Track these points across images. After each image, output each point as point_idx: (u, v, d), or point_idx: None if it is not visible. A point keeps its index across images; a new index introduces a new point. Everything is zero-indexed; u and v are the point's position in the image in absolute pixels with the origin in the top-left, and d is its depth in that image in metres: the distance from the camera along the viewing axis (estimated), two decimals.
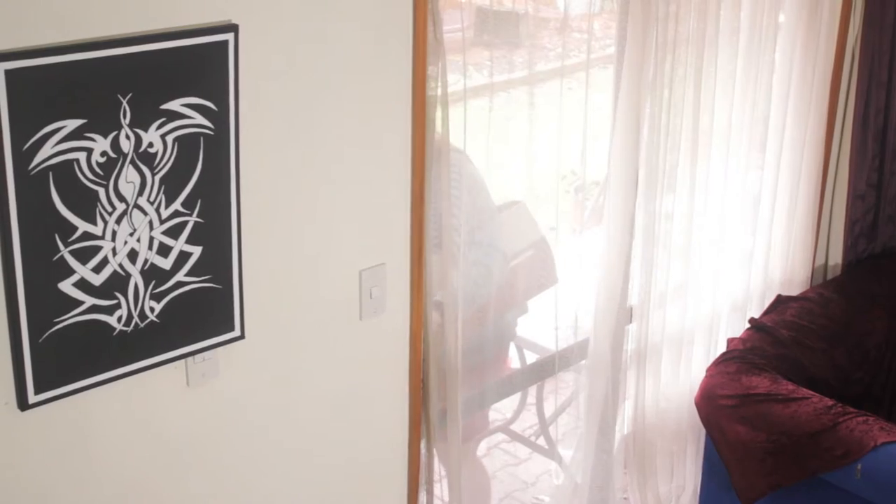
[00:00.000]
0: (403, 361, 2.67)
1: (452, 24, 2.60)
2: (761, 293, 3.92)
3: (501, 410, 4.63)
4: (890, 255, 4.12)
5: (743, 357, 3.53)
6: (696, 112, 3.35)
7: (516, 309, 3.33)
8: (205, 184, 2.11)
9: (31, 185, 1.88)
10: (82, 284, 2.00)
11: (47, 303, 1.96)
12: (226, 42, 2.07)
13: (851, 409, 3.36)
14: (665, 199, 3.43)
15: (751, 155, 3.66)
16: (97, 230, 1.98)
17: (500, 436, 4.48)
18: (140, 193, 2.02)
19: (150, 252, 2.07)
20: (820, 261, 4.10)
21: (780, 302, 3.83)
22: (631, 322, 3.51)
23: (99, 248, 2.00)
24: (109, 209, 1.99)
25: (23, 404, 1.98)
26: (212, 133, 2.10)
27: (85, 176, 1.94)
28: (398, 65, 2.43)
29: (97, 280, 2.01)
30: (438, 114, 2.58)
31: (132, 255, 2.05)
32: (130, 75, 1.94)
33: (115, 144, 1.96)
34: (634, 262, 3.39)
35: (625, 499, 4.15)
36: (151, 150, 2.01)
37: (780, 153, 3.80)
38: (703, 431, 3.53)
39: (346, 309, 2.50)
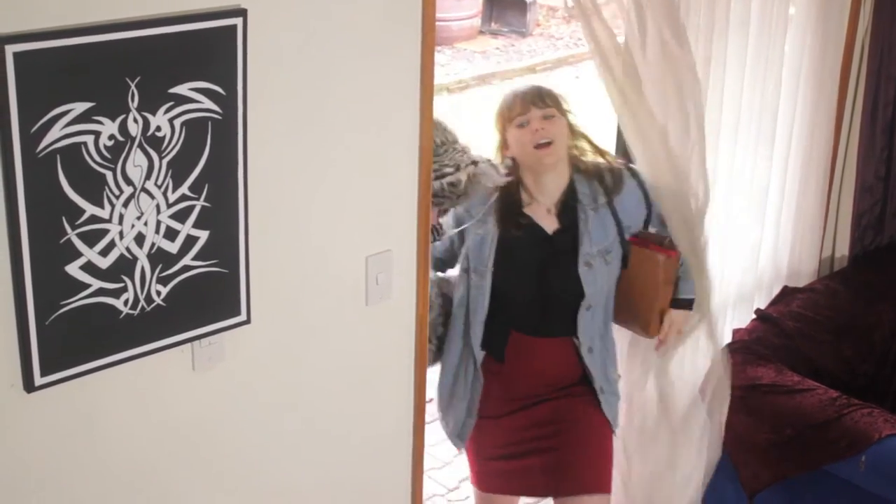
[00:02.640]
0: (409, 347, 2.67)
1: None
2: (768, 284, 3.92)
3: None
4: None
5: (748, 348, 3.53)
6: (704, 103, 3.34)
7: None
8: (212, 168, 2.11)
9: (39, 168, 1.88)
10: (89, 267, 2.00)
11: (54, 285, 1.96)
12: (234, 26, 2.06)
13: (856, 401, 3.36)
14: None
15: (759, 146, 3.65)
16: (104, 213, 1.99)
17: None
18: (147, 177, 2.02)
19: (157, 236, 2.07)
20: (827, 252, 4.10)
21: (787, 293, 3.83)
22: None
23: (106, 232, 2.00)
24: (117, 192, 1.99)
25: (29, 386, 1.98)
26: (220, 117, 2.09)
27: (93, 159, 1.94)
28: (407, 50, 2.43)
29: (104, 263, 2.02)
30: None
31: (139, 239, 2.05)
32: (139, 59, 1.94)
33: (123, 128, 1.96)
34: None
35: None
36: (159, 134, 2.01)
37: (789, 145, 3.79)
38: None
39: (352, 295, 2.50)
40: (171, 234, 2.09)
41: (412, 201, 2.56)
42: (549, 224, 3.03)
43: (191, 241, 2.13)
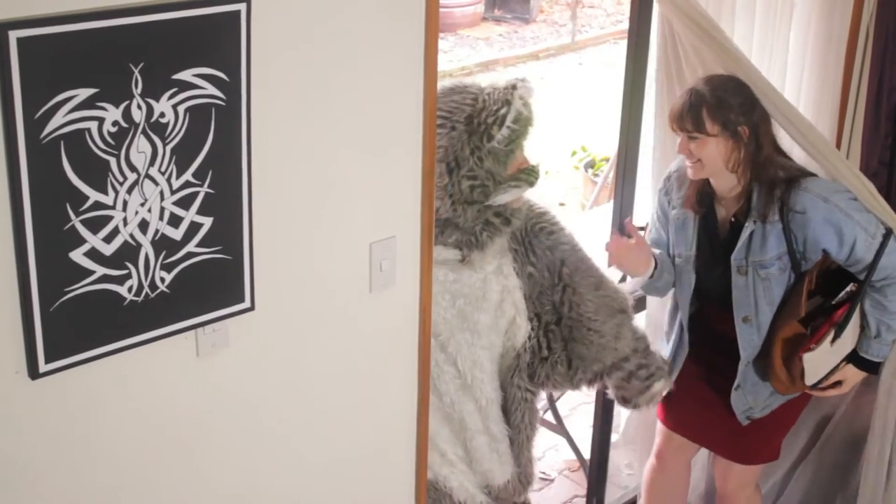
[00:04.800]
0: (413, 334, 2.67)
1: None
2: None
3: None
4: None
5: None
6: None
7: None
8: (216, 155, 2.11)
9: (43, 154, 1.87)
10: (93, 254, 2.00)
11: (58, 272, 1.96)
12: (238, 12, 2.06)
13: None
14: None
15: None
16: (108, 200, 1.98)
17: None
18: (151, 164, 2.02)
19: (160, 222, 2.07)
20: None
21: None
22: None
23: (110, 218, 2.00)
24: (121, 179, 1.99)
25: (34, 373, 1.98)
26: (223, 104, 2.09)
27: (96, 145, 1.93)
28: (410, 37, 2.42)
29: (108, 250, 2.01)
30: None
31: (143, 226, 2.05)
32: (143, 45, 1.94)
33: (127, 114, 1.96)
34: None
35: (630, 475, 4.17)
36: (163, 121, 2.01)
37: None
38: None
39: (356, 282, 2.50)
40: (174, 221, 2.09)
41: (416, 187, 2.55)
42: (724, 224, 3.11)
43: (195, 227, 2.13)
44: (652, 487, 3.54)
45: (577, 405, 4.71)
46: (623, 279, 3.53)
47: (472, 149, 2.71)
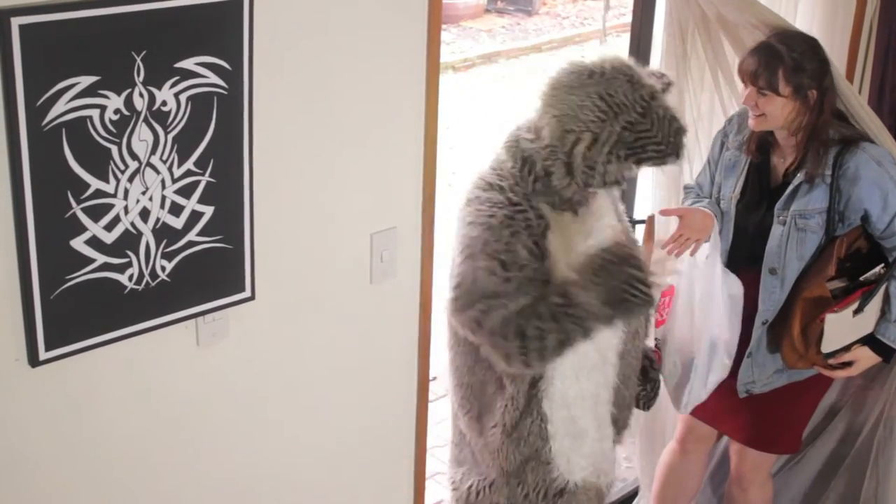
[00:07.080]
0: (413, 325, 2.67)
1: None
2: None
3: None
4: None
5: None
6: (713, 85, 3.34)
7: None
8: (218, 143, 2.11)
9: (44, 142, 1.87)
10: (94, 242, 2.00)
11: (59, 260, 1.96)
12: (241, 1, 2.05)
13: None
14: (684, 170, 3.44)
15: None
16: (109, 188, 1.98)
17: None
18: (153, 152, 2.02)
19: (161, 211, 2.07)
20: None
21: None
22: None
23: (111, 206, 2.00)
24: (122, 167, 1.99)
25: (34, 361, 1.98)
26: (225, 93, 2.09)
27: (98, 133, 1.93)
28: (413, 28, 2.42)
29: (109, 238, 2.01)
30: None
31: (144, 214, 2.05)
32: (145, 33, 1.94)
33: (129, 102, 1.96)
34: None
35: (629, 468, 4.17)
36: (165, 109, 2.01)
37: None
38: None
39: (357, 272, 2.50)
40: (175, 210, 2.09)
41: (417, 178, 2.55)
42: (777, 172, 3.11)
43: (196, 216, 2.13)
44: (669, 471, 3.55)
45: None
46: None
47: (610, 150, 2.42)
